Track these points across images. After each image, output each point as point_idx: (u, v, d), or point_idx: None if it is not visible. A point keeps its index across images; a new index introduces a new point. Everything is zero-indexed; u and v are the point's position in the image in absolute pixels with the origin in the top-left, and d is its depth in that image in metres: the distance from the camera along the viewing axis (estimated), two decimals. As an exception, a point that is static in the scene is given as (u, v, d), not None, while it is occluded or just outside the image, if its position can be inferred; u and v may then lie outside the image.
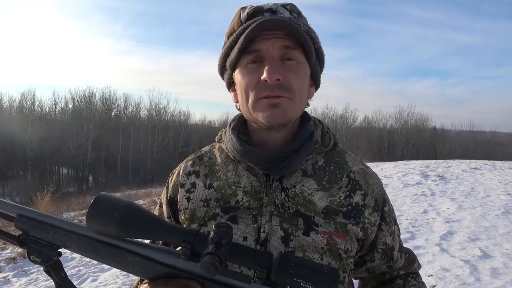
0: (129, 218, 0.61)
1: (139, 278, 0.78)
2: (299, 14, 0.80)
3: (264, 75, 0.73)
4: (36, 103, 36.31)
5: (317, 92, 0.87)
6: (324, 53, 0.82)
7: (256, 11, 0.76)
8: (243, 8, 0.79)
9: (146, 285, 0.63)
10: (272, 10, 0.76)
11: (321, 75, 0.85)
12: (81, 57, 75.55)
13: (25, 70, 70.20)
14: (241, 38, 0.74)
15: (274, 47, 0.74)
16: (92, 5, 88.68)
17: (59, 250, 0.66)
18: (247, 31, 0.73)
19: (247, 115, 0.81)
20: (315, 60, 0.79)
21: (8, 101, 36.12)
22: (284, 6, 0.78)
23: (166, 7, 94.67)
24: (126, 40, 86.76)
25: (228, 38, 0.80)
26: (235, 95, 0.83)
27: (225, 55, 0.80)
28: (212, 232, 0.59)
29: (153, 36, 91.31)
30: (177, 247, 0.64)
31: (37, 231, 0.65)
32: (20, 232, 0.66)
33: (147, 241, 0.69)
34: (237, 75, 0.79)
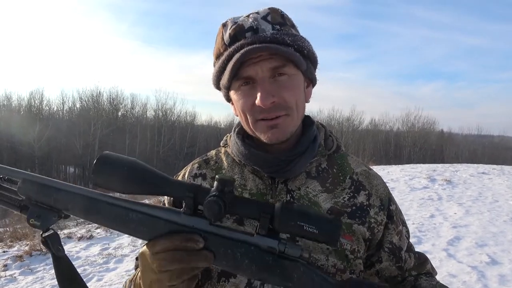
0: (135, 172, 0.62)
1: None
2: (282, 21, 0.77)
3: (258, 101, 0.73)
4: (44, 102, 36.81)
5: (323, 94, 0.91)
6: (316, 54, 0.82)
7: (238, 32, 0.75)
8: (225, 26, 0.78)
9: (144, 247, 0.62)
10: (253, 28, 0.74)
11: (316, 71, 0.85)
12: (88, 57, 76.39)
13: (33, 70, 71.06)
14: (229, 66, 0.73)
15: (263, 69, 0.74)
16: (98, 4, 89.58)
17: (60, 214, 0.66)
18: (233, 60, 0.72)
19: (249, 132, 0.82)
20: (307, 64, 0.79)
21: (17, 100, 36.62)
22: (265, 18, 0.76)
23: (171, 7, 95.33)
24: (133, 40, 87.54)
25: (216, 59, 0.80)
26: (235, 109, 0.83)
27: (217, 78, 0.80)
28: (216, 182, 0.59)
29: (159, 36, 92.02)
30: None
31: (40, 194, 0.65)
32: (23, 198, 0.66)
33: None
34: (233, 95, 0.80)
